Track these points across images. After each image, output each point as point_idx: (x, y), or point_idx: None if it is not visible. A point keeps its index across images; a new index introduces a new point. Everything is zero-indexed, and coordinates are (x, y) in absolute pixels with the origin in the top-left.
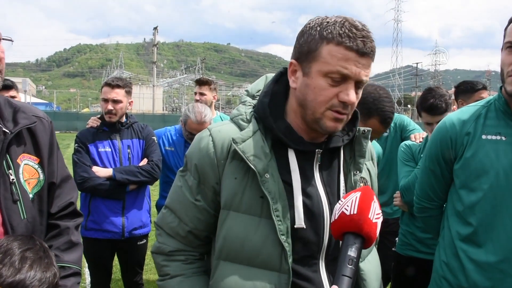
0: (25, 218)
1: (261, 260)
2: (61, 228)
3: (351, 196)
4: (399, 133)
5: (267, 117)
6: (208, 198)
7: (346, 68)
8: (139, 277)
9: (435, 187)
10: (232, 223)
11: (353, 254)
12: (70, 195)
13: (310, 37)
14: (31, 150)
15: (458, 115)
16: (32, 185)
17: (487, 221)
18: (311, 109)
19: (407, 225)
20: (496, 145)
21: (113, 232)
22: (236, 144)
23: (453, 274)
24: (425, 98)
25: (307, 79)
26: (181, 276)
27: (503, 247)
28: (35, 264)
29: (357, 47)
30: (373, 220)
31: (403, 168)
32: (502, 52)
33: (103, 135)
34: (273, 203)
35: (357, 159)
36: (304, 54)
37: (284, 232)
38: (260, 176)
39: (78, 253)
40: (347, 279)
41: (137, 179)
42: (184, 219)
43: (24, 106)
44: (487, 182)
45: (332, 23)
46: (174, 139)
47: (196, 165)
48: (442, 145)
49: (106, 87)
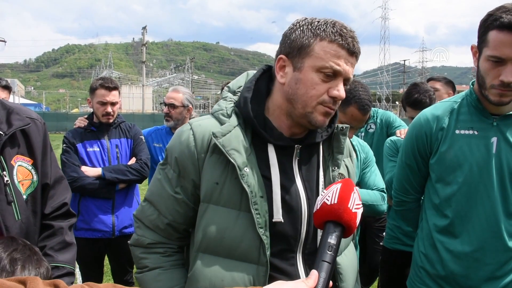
0: (20, 219)
1: (240, 252)
2: (54, 228)
3: (332, 187)
4: (385, 129)
5: (248, 111)
6: (188, 191)
7: (339, 64)
8: (129, 275)
9: (412, 181)
10: (211, 216)
11: (333, 242)
12: (64, 195)
13: (302, 34)
14: (25, 152)
15: (432, 110)
16: (26, 186)
17: (462, 213)
18: (302, 103)
19: (393, 219)
20: (469, 139)
21: (104, 231)
22: (216, 138)
23: (431, 264)
24: (410, 93)
25: (299, 74)
26: (160, 268)
27: (478, 237)
28: (27, 263)
29: (348, 46)
30: (352, 209)
31: (388, 163)
32: (484, 61)
33: (91, 135)
34: (252, 196)
35: (335, 155)
36: (296, 50)
37: (262, 225)
38: (240, 170)
39: (71, 253)
40: (327, 264)
41: (126, 177)
42: (163, 211)
43: (17, 107)
44: (462, 176)
45: (324, 22)
46: (163, 136)
47: (177, 158)
48: (418, 140)
49: (103, 89)
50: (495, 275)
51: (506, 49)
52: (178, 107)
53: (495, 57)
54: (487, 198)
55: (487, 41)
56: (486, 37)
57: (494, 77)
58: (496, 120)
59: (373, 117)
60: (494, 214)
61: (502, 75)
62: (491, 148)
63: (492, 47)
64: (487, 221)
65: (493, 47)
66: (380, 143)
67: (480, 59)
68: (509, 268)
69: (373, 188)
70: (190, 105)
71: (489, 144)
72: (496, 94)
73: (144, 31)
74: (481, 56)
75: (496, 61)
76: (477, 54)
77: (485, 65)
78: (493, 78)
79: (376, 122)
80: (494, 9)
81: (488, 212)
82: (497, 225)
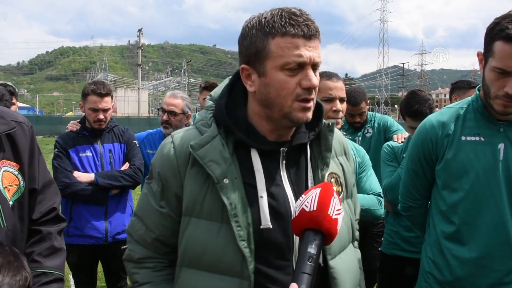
0: (5, 226)
1: (222, 266)
2: (43, 234)
3: (311, 192)
4: (382, 134)
5: (225, 119)
6: (172, 204)
7: (300, 56)
8: (123, 282)
9: (419, 187)
10: (193, 230)
11: (313, 251)
12: (53, 200)
13: (254, 38)
14: (11, 156)
15: (438, 117)
16: (12, 192)
17: (469, 220)
18: (278, 106)
19: (392, 224)
20: (475, 146)
21: (97, 237)
22: (194, 150)
23: (439, 270)
24: (409, 104)
25: (265, 79)
26: (149, 284)
27: (486, 245)
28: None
29: (303, 32)
30: (333, 216)
31: (386, 168)
32: (490, 71)
33: (83, 140)
34: (231, 208)
35: (324, 154)
36: (253, 56)
37: (244, 238)
38: (218, 182)
39: (60, 259)
40: (307, 276)
41: (119, 183)
42: (150, 226)
43: (3, 110)
44: (468, 182)
45: (270, 17)
46: (156, 142)
47: (159, 172)
48: (423, 147)
49: (95, 96)
50: (503, 281)
51: (511, 61)
52: (178, 115)
53: (500, 69)
54: (495, 205)
55: (493, 52)
56: (491, 47)
57: (499, 87)
58: (503, 126)
59: (371, 121)
60: (502, 222)
61: (507, 86)
62: (498, 154)
63: (497, 59)
64: (494, 228)
65: (499, 58)
66: (378, 148)
67: (486, 67)
68: None
69: (370, 193)
70: (189, 112)
71: (496, 150)
72: (501, 104)
73: (140, 34)
74: (486, 65)
75: (501, 72)
76: (483, 61)
77: (490, 75)
78: (498, 89)
79: (373, 127)
80: (500, 17)
81: (496, 220)
82: (506, 232)
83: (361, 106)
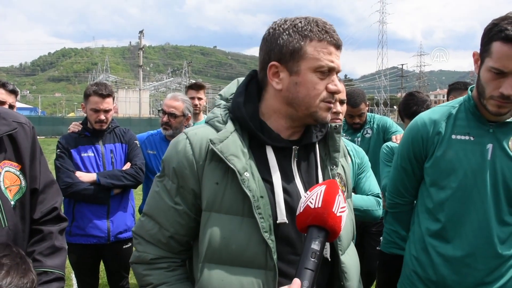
0: (6, 226)
1: (246, 258)
2: (44, 233)
3: (316, 189)
4: (381, 135)
5: (243, 115)
6: (188, 201)
7: (332, 61)
8: (125, 281)
9: (407, 184)
10: (215, 225)
11: (316, 247)
12: (54, 200)
13: (291, 38)
14: (12, 157)
15: (429, 114)
16: (13, 192)
17: (455, 218)
18: (305, 105)
19: (390, 223)
20: (465, 145)
21: (99, 236)
22: (214, 144)
23: (423, 268)
24: (408, 105)
25: (297, 77)
26: (165, 284)
27: (470, 243)
28: (12, 271)
29: (335, 41)
30: (337, 213)
31: (384, 168)
32: (486, 71)
33: (85, 140)
34: (254, 201)
35: (332, 154)
36: (288, 54)
37: (267, 229)
38: (240, 175)
39: (61, 258)
40: (310, 272)
41: (121, 183)
42: (164, 224)
43: (4, 111)
44: (456, 181)
45: (306, 22)
46: (156, 142)
47: (175, 168)
48: (414, 144)
49: (96, 97)
50: (485, 281)
51: (509, 62)
52: (178, 117)
53: (497, 69)
54: (480, 204)
55: (490, 52)
56: (489, 47)
57: (494, 88)
58: (493, 127)
59: (370, 122)
60: (487, 220)
61: (503, 87)
62: (486, 154)
63: (495, 59)
64: (479, 227)
65: (496, 59)
66: (377, 149)
67: (481, 67)
68: (499, 274)
69: (368, 194)
70: (189, 114)
71: (485, 150)
72: (495, 105)
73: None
74: (483, 65)
75: (498, 72)
76: (479, 61)
77: (486, 75)
78: (493, 89)
79: (372, 127)
80: (499, 18)
81: (480, 218)
82: (489, 231)
83: (361, 107)
